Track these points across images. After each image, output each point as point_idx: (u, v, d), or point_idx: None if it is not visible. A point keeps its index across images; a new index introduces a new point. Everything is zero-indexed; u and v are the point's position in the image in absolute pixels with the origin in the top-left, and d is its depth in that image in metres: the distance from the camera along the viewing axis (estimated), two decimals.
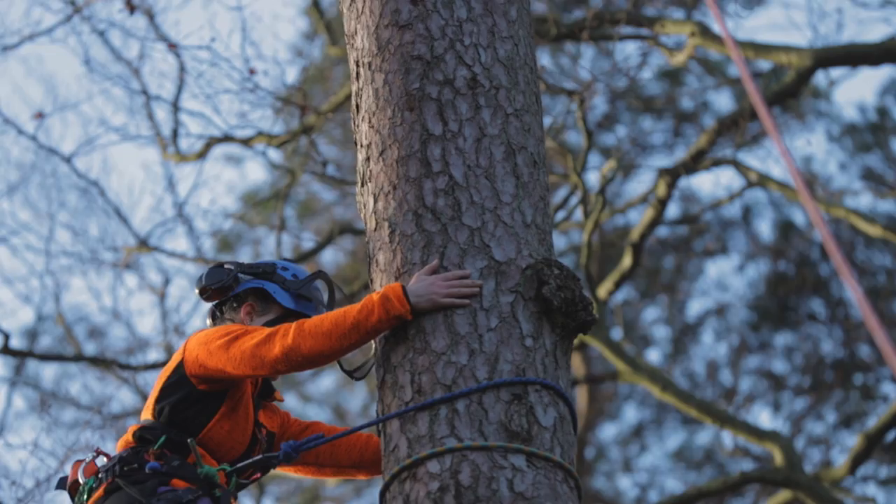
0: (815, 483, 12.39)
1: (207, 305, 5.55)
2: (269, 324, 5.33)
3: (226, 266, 5.46)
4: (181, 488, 4.94)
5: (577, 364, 18.44)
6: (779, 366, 19.57)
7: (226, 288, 5.41)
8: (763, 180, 14.25)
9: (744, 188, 15.68)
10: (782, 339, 19.42)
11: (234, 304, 5.42)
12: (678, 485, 19.94)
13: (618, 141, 18.04)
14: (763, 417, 20.59)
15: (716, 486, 13.61)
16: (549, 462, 4.67)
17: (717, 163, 14.28)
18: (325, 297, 5.52)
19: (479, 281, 4.84)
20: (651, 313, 20.54)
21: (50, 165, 16.17)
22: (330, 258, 18.97)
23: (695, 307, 20.37)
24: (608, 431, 21.11)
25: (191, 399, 5.11)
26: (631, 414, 20.70)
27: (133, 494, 4.92)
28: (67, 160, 15.18)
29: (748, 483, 13.37)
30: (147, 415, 5.18)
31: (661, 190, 13.25)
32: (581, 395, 19.41)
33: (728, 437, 17.89)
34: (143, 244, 15.01)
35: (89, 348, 17.93)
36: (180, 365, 5.15)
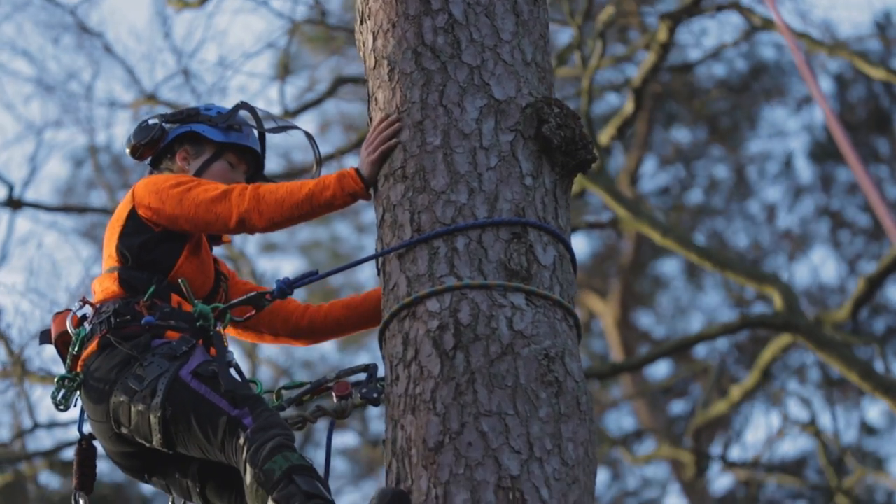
0: (814, 327, 12.43)
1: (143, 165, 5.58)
2: (206, 163, 5.39)
3: (150, 121, 5.48)
4: (175, 339, 4.94)
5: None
6: (838, 204, 19.64)
7: (155, 141, 5.44)
8: (767, 24, 14.06)
9: (748, 32, 15.49)
10: (844, 175, 19.50)
11: (169, 155, 5.45)
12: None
13: None
14: (818, 259, 20.65)
15: (715, 330, 13.68)
16: (549, 300, 4.68)
17: (721, 7, 14.10)
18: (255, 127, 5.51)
19: (395, 116, 4.87)
20: (711, 156, 20.54)
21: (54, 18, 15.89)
22: (340, 108, 18.86)
23: (752, 149, 20.35)
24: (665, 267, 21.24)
25: (154, 241, 5.15)
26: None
27: (127, 350, 4.93)
28: (72, 12, 15.00)
29: (748, 327, 13.40)
30: (111, 263, 5.19)
31: (662, 35, 13.12)
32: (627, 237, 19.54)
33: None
34: (152, 97, 14.85)
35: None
36: (133, 211, 5.18)
